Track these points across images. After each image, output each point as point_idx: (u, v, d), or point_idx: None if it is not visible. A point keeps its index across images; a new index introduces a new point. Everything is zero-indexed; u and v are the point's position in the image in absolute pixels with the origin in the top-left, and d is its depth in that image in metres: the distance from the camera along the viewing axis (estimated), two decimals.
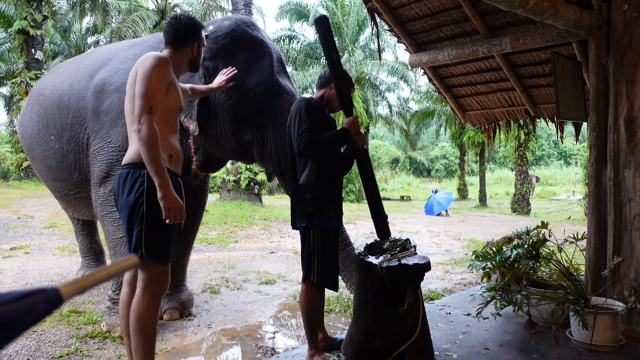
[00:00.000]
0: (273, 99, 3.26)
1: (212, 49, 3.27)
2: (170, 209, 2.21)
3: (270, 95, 3.26)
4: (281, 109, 3.25)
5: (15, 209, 9.56)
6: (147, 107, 2.22)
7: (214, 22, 3.46)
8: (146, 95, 2.23)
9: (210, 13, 15.85)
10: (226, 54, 3.29)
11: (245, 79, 3.24)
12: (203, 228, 8.41)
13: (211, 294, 4.66)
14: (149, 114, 2.21)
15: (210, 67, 3.28)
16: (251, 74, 3.27)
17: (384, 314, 2.70)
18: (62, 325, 3.59)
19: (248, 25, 3.44)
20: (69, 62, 4.52)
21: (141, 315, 2.27)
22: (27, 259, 6.23)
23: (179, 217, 2.26)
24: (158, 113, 2.28)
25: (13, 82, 15.37)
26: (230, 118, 3.27)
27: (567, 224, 11.57)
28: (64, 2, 20.17)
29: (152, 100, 2.24)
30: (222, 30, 3.33)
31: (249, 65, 3.29)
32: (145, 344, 2.27)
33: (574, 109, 3.85)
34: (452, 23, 4.21)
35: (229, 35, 3.31)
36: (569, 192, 27.85)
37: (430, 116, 23.99)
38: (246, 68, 3.27)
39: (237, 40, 3.32)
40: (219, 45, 3.29)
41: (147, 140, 2.19)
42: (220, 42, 3.30)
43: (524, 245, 3.22)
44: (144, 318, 2.27)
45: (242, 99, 3.23)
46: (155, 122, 2.24)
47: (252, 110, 3.25)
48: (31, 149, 4.24)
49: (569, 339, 3.06)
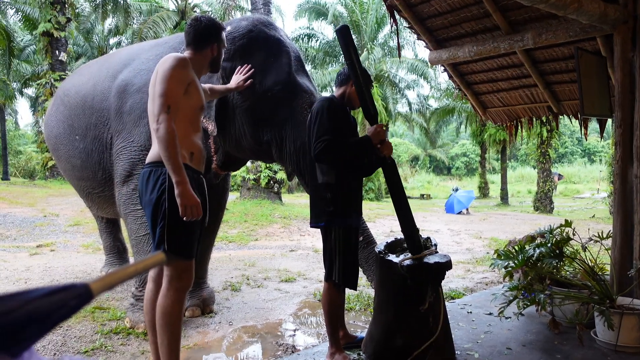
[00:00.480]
0: (291, 98, 3.26)
1: (230, 49, 3.28)
2: (186, 206, 2.25)
3: (288, 94, 3.26)
4: (299, 108, 3.23)
5: (41, 208, 9.79)
6: (165, 106, 2.27)
7: (232, 23, 3.47)
8: (164, 94, 2.28)
9: (230, 13, 15.97)
10: (243, 54, 3.30)
11: (263, 78, 3.24)
12: (224, 226, 8.49)
13: (232, 291, 4.70)
14: (166, 114, 2.26)
15: (228, 68, 3.29)
16: (268, 74, 3.27)
17: (405, 312, 2.69)
18: (87, 321, 3.67)
19: (265, 25, 3.44)
20: (93, 63, 4.61)
21: (166, 310, 2.32)
22: (53, 256, 6.38)
23: (196, 214, 2.28)
24: (176, 112, 2.32)
25: (38, 83, 15.74)
26: (248, 118, 3.28)
27: (591, 222, 11.35)
28: (86, 5, 20.55)
29: (169, 99, 2.28)
30: (239, 31, 3.34)
31: (266, 65, 3.29)
32: (171, 338, 2.33)
33: (599, 105, 3.77)
34: (473, 19, 4.16)
35: (245, 35, 3.32)
36: (593, 190, 27.28)
37: (450, 114, 23.78)
38: (263, 68, 3.27)
39: (254, 40, 3.33)
40: (236, 46, 3.31)
41: (164, 139, 2.23)
42: (237, 42, 3.31)
43: (547, 244, 3.17)
44: (169, 313, 2.32)
45: (260, 98, 3.23)
46: (174, 121, 2.28)
47: (270, 109, 3.25)
48: (57, 149, 4.34)
49: (594, 340, 3.00)
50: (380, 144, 2.67)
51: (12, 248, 6.94)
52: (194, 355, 3.14)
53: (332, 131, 2.59)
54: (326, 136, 2.56)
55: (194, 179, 2.39)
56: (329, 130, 2.58)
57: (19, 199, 10.46)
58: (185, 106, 2.40)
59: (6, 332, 0.47)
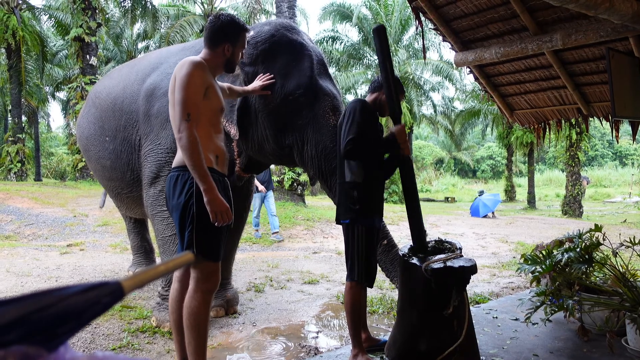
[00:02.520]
0: (313, 102, 3.27)
1: (252, 54, 3.32)
2: (217, 212, 2.28)
3: (310, 98, 3.27)
4: (321, 112, 3.24)
5: (72, 208, 10.05)
6: (185, 114, 2.28)
7: (255, 28, 3.50)
8: (183, 102, 2.30)
9: (255, 16, 16.12)
10: (265, 59, 3.33)
11: (285, 83, 3.26)
12: (248, 228, 8.56)
13: (256, 292, 4.74)
14: (187, 122, 2.27)
15: (251, 73, 3.32)
16: (290, 78, 3.28)
17: (429, 316, 2.66)
18: (114, 319, 3.75)
19: (288, 29, 3.46)
20: (124, 66, 4.72)
21: (193, 311, 2.36)
22: (82, 256, 6.54)
23: (226, 219, 2.32)
24: (198, 119, 2.34)
25: (69, 87, 16.15)
26: (270, 122, 3.30)
27: (622, 227, 11.04)
28: (116, 10, 21.05)
29: (189, 107, 2.29)
30: (262, 36, 3.37)
31: (289, 69, 3.30)
32: (198, 338, 2.37)
33: (631, 106, 3.67)
34: (500, 20, 4.10)
35: (268, 40, 3.35)
36: (624, 194, 26.49)
37: (475, 116, 23.47)
38: (286, 72, 3.29)
39: (276, 44, 3.35)
40: (259, 51, 3.33)
41: (187, 148, 2.26)
42: (260, 47, 3.34)
43: (576, 249, 3.10)
44: (197, 314, 2.36)
45: (282, 103, 3.25)
46: (195, 128, 2.30)
47: (292, 113, 3.27)
48: (87, 150, 4.45)
49: (625, 348, 2.92)
50: (403, 143, 2.77)
51: (44, 247, 7.15)
52: (217, 355, 3.17)
53: (362, 132, 2.67)
54: (357, 135, 2.63)
55: (219, 182, 2.42)
56: (359, 129, 2.66)
57: (50, 200, 10.75)
58: (206, 110, 2.42)
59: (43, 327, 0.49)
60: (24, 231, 8.47)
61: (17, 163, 17.43)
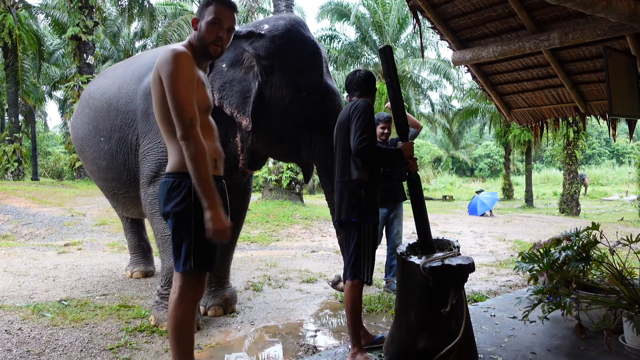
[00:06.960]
0: (323, 100, 3.36)
1: (269, 47, 3.33)
2: (216, 231, 2.09)
3: (321, 96, 3.36)
4: (329, 110, 3.34)
5: (69, 207, 10.02)
6: (187, 120, 2.07)
7: (268, 22, 3.51)
8: (181, 106, 2.07)
9: (253, 14, 16.09)
10: (282, 53, 3.36)
11: (299, 79, 3.31)
12: (246, 227, 8.55)
13: (254, 291, 4.73)
14: (191, 128, 2.07)
15: (267, 66, 3.35)
16: (304, 75, 3.35)
17: (427, 315, 2.67)
18: (112, 318, 3.74)
19: (301, 26, 3.51)
20: (118, 66, 4.69)
21: (180, 321, 2.23)
22: (80, 255, 6.52)
23: (225, 238, 2.14)
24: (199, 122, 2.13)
25: (66, 86, 16.09)
26: (282, 117, 3.37)
27: (619, 225, 11.08)
28: (113, 9, 20.96)
29: (189, 111, 2.08)
30: (279, 30, 3.38)
31: (303, 65, 3.37)
32: (185, 347, 2.25)
33: (628, 105, 3.68)
34: (497, 19, 4.11)
35: (285, 35, 3.37)
36: (621, 192, 26.57)
37: (473, 114, 23.46)
38: (300, 69, 3.34)
39: (292, 40, 3.39)
40: (276, 45, 3.34)
41: (196, 160, 2.06)
42: (277, 41, 3.35)
43: (574, 247, 3.11)
44: (183, 323, 2.23)
45: (295, 99, 3.32)
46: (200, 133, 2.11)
47: (303, 110, 3.34)
48: (82, 150, 4.43)
49: (622, 346, 2.93)
50: (410, 159, 2.83)
51: (41, 247, 7.13)
52: (216, 354, 3.17)
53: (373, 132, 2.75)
54: (369, 135, 2.69)
55: (217, 187, 2.23)
56: (370, 129, 2.72)
57: (47, 199, 10.73)
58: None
59: None
60: (21, 231, 8.45)
61: (14, 162, 17.38)
